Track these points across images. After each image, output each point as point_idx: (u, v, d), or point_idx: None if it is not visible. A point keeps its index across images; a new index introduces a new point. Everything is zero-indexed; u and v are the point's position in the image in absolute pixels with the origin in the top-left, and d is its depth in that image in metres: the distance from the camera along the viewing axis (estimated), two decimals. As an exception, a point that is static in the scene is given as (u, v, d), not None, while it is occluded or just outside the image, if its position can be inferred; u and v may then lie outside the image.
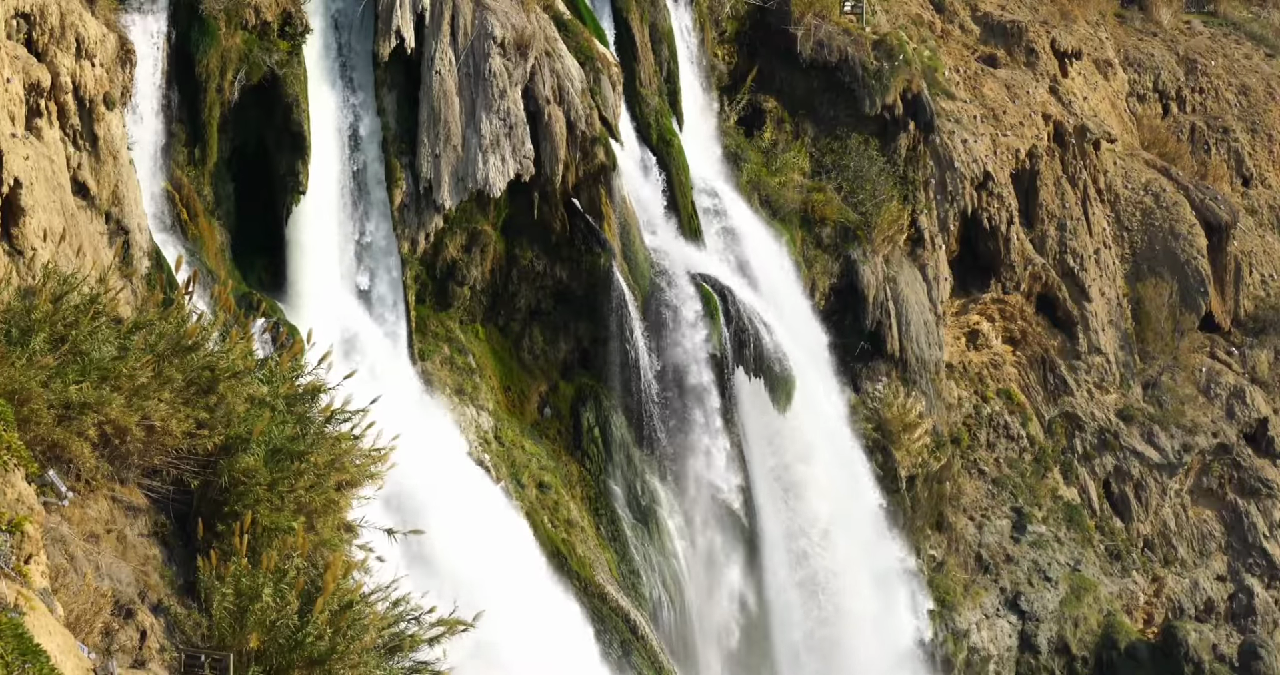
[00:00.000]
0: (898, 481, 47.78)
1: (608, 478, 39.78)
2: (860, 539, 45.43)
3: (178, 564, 16.68)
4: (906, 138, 50.49)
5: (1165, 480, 56.15)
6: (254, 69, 34.32)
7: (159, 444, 16.90)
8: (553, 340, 40.06)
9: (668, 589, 39.79)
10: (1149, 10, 68.47)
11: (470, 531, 33.61)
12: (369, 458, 18.40)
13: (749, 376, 41.67)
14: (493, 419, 38.39)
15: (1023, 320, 55.50)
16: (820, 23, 49.72)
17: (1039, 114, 55.89)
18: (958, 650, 49.37)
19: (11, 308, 16.78)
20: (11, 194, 24.82)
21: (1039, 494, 53.80)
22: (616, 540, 39.44)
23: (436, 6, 37.08)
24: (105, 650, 14.58)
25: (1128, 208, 59.70)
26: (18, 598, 12.44)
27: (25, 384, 15.59)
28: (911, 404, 48.79)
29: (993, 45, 58.30)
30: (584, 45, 39.78)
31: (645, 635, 37.76)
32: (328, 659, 15.56)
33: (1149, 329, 58.41)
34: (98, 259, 26.91)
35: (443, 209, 37.24)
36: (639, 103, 42.83)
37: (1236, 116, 66.76)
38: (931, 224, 51.15)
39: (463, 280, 38.58)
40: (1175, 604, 55.22)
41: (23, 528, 13.17)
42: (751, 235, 45.44)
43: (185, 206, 33.52)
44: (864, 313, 47.95)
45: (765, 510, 42.70)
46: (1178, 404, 57.36)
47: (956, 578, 50.70)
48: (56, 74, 27.39)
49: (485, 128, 37.06)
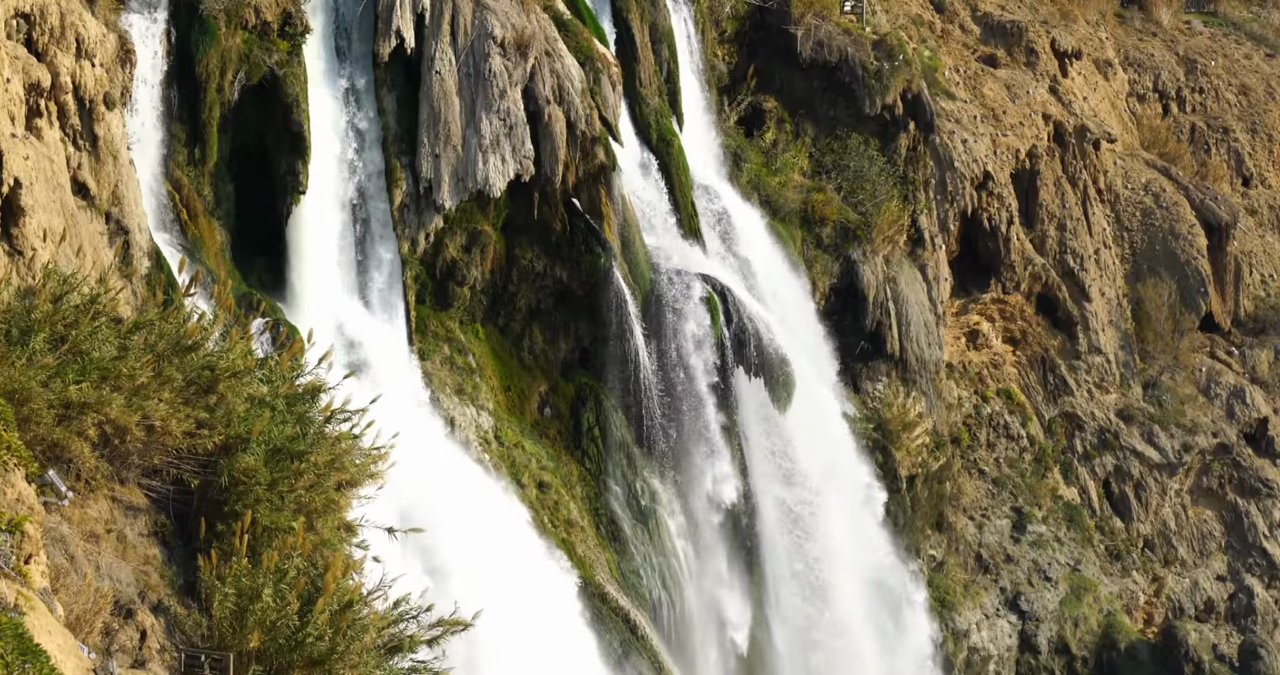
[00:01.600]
0: (898, 481, 47.76)
1: (607, 477, 39.77)
2: (860, 538, 45.41)
3: (178, 564, 16.68)
4: (906, 138, 50.49)
5: (1165, 480, 56.15)
6: (254, 69, 34.32)
7: (159, 444, 16.90)
8: (553, 340, 40.06)
9: (668, 589, 39.78)
10: (1149, 10, 68.45)
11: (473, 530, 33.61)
12: (369, 457, 18.41)
13: (749, 376, 41.65)
14: (493, 419, 38.39)
15: (1023, 320, 55.51)
16: (820, 23, 49.72)
17: (1039, 114, 55.89)
18: (958, 650, 49.37)
19: (11, 308, 16.77)
20: (11, 194, 24.82)
21: (1039, 494, 53.80)
22: (616, 540, 39.44)
23: (436, 6, 37.07)
24: (105, 650, 14.58)
25: (1128, 208, 59.69)
26: (18, 598, 12.44)
27: (25, 384, 15.59)
28: (911, 404, 48.79)
29: (993, 45, 58.30)
30: (584, 45, 39.77)
31: (645, 635, 37.76)
32: (328, 659, 15.56)
33: (1149, 329, 58.40)
34: (98, 259, 26.91)
35: (443, 209, 37.24)
36: (639, 103, 42.83)
37: (1236, 116, 66.74)
38: (931, 224, 51.15)
39: (463, 280, 38.57)
40: (1175, 604, 55.22)
41: (23, 528, 13.17)
42: (751, 235, 45.43)
43: (185, 206, 33.52)
44: (864, 313, 47.95)
45: (765, 510, 42.69)
46: (1178, 404, 57.35)
47: (956, 578, 50.70)
48: (56, 74, 27.39)
49: (485, 128, 37.06)
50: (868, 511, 46.12)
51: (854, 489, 45.74)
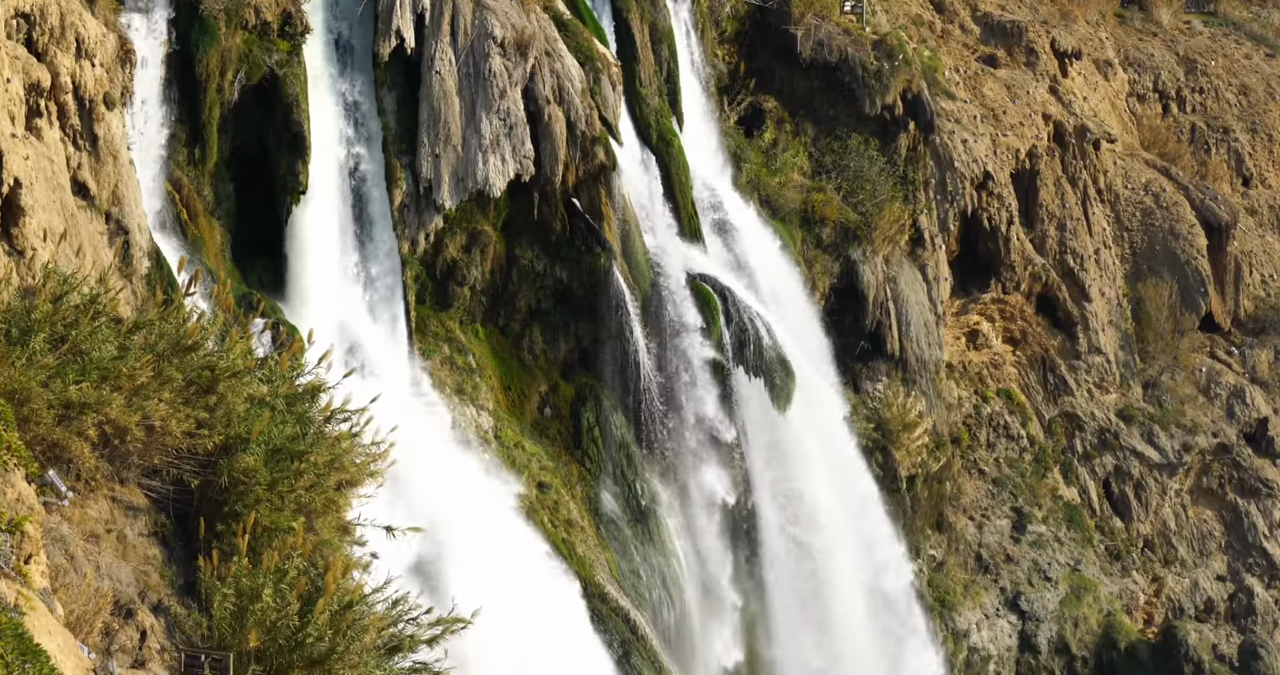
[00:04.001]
0: (898, 481, 47.75)
1: (608, 477, 39.77)
2: (860, 538, 45.39)
3: (178, 564, 16.68)
4: (906, 138, 50.48)
5: (1165, 480, 56.14)
6: (254, 69, 34.32)
7: (159, 444, 16.90)
8: (553, 340, 40.06)
9: (668, 589, 39.78)
10: (1149, 10, 68.45)
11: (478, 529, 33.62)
12: (369, 457, 18.41)
13: (749, 376, 41.65)
14: (493, 419, 38.39)
15: (1023, 320, 55.50)
16: (820, 23, 49.71)
17: (1039, 114, 55.89)
18: (958, 650, 49.37)
19: (11, 308, 16.77)
20: (11, 194, 24.82)
21: (1039, 494, 53.80)
22: (616, 540, 39.43)
23: (436, 6, 37.07)
24: (105, 650, 14.58)
25: (1128, 208, 59.68)
26: (18, 598, 12.44)
27: (25, 384, 15.58)
28: (911, 404, 48.78)
29: (993, 45, 58.30)
30: (584, 45, 39.77)
31: (645, 635, 37.75)
32: (328, 659, 15.56)
33: (1149, 329, 58.39)
34: (98, 259, 26.91)
35: (443, 209, 37.24)
36: (639, 103, 42.82)
37: (1236, 116, 66.73)
38: (931, 224, 51.14)
39: (463, 280, 38.57)
40: (1175, 604, 55.21)
41: (23, 528, 13.17)
42: (751, 235, 45.42)
43: (185, 206, 33.52)
44: (864, 313, 47.94)
45: (765, 510, 42.69)
46: (1178, 404, 57.35)
47: (956, 578, 50.70)
48: (56, 74, 27.39)
49: (485, 128, 37.06)
50: (868, 511, 46.10)
51: (853, 489, 45.73)
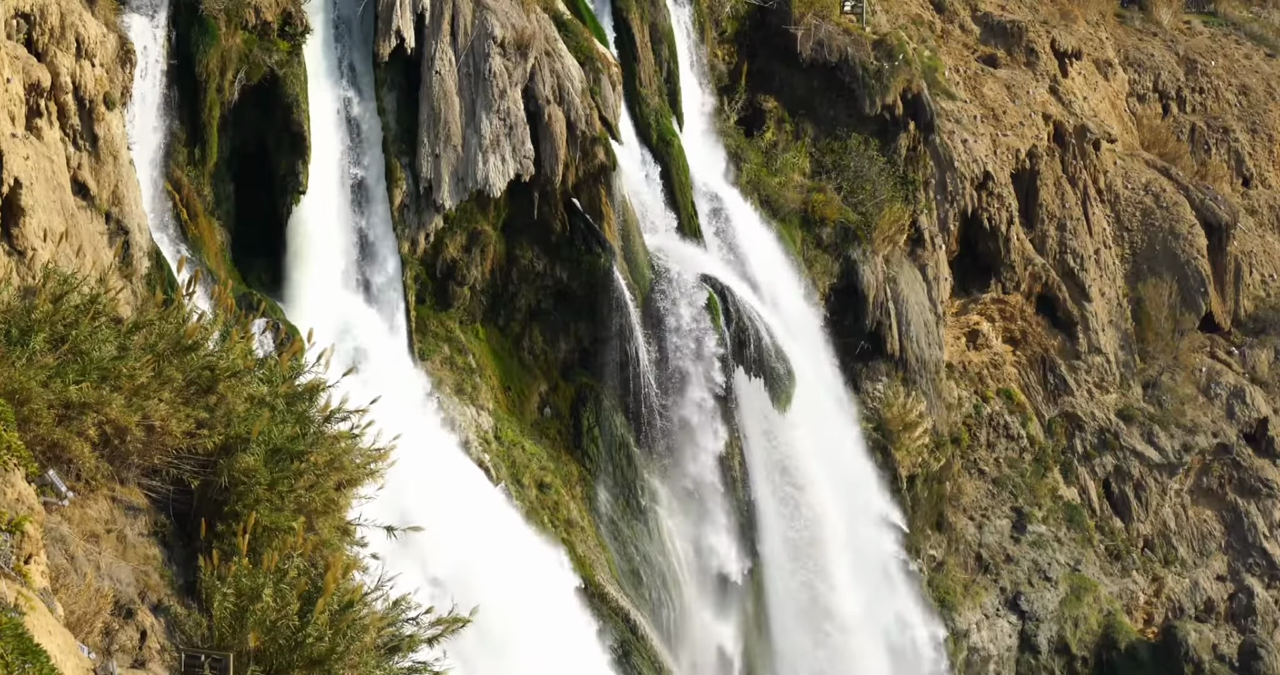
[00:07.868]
0: (898, 481, 47.76)
1: (607, 477, 39.78)
2: (861, 538, 45.40)
3: (178, 564, 16.66)
4: (906, 138, 50.47)
5: (1165, 480, 56.14)
6: (254, 69, 34.32)
7: (159, 444, 16.88)
8: (553, 340, 40.06)
9: (668, 589, 39.78)
10: (1149, 10, 68.45)
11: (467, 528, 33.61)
12: (368, 457, 18.39)
13: (749, 376, 41.65)
14: (493, 419, 38.38)
15: (1023, 320, 55.50)
16: (820, 23, 49.71)
17: (1039, 114, 55.88)
18: (958, 650, 49.37)
19: (11, 308, 16.76)
20: (11, 194, 24.82)
21: (1039, 494, 53.79)
22: (616, 540, 39.43)
23: (436, 6, 37.07)
24: (105, 650, 14.57)
25: (1128, 208, 59.68)
26: (18, 598, 12.43)
27: (25, 384, 15.57)
28: (911, 404, 48.78)
29: (993, 45, 58.29)
30: (584, 45, 39.77)
31: (645, 635, 37.75)
32: (327, 659, 15.54)
33: (1149, 329, 58.39)
34: (98, 259, 26.91)
35: (443, 209, 37.25)
36: (639, 103, 42.82)
37: (1236, 116, 66.74)
38: (931, 224, 51.13)
39: (463, 280, 38.57)
40: (1175, 604, 55.21)
41: (23, 528, 13.16)
42: (751, 235, 45.43)
43: (185, 206, 33.52)
44: (864, 313, 47.94)
45: (765, 509, 42.68)
46: (1178, 404, 57.35)
47: (956, 578, 50.70)
48: (56, 74, 27.38)
49: (485, 128, 37.06)
50: (868, 511, 46.12)
51: (854, 489, 45.74)
